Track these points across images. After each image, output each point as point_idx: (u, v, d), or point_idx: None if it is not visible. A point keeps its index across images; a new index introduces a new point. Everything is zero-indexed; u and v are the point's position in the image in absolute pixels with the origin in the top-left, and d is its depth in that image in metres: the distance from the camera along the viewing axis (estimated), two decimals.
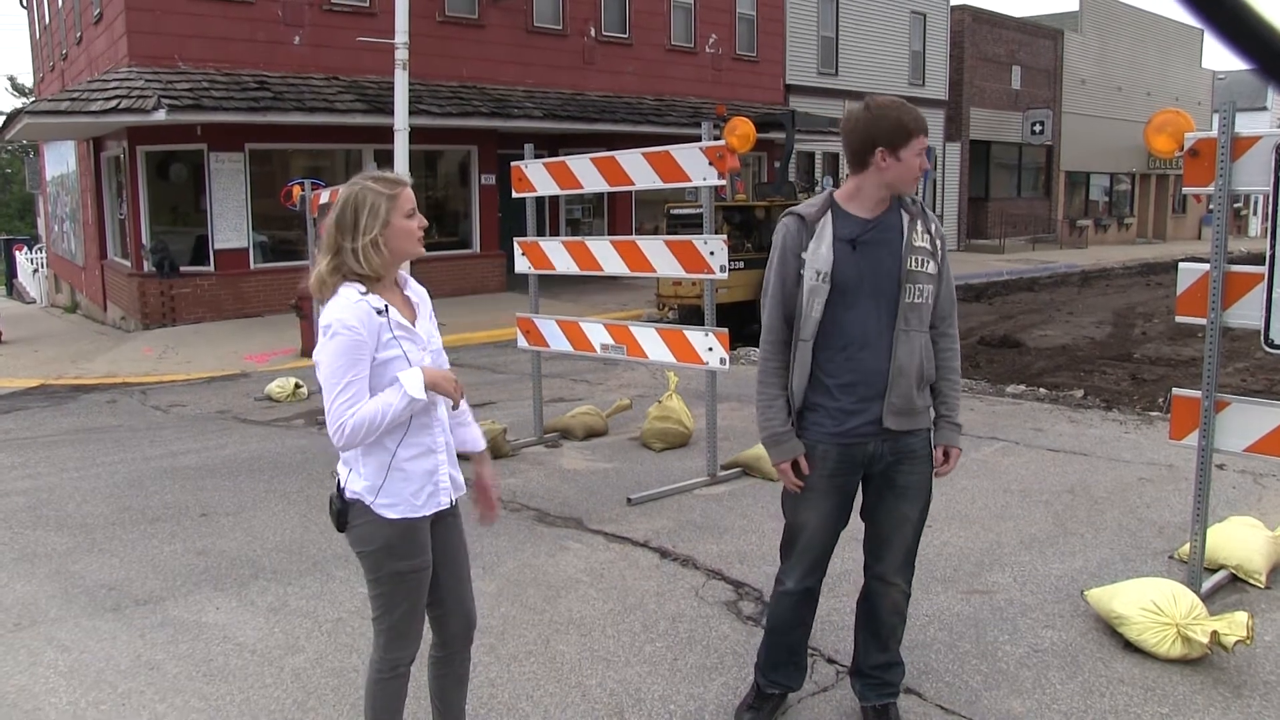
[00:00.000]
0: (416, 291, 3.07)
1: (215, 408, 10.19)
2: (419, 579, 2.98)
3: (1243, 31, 0.77)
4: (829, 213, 3.33)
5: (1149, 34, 41.17)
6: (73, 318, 22.15)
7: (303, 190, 11.26)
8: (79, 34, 19.65)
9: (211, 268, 16.65)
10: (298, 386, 10.43)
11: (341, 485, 2.96)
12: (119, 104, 14.22)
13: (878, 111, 3.24)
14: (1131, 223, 42.80)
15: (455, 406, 3.05)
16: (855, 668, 3.68)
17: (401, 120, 13.67)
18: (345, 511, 2.93)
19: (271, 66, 16.64)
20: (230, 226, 16.71)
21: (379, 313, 2.83)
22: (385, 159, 14.02)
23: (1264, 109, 46.23)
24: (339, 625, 4.66)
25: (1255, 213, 45.31)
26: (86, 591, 5.18)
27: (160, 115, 14.18)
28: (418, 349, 2.93)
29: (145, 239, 16.29)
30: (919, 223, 3.32)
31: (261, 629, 4.65)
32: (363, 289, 2.85)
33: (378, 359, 2.83)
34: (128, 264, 17.09)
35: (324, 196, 10.75)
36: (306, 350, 12.47)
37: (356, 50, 16.70)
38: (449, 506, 3.05)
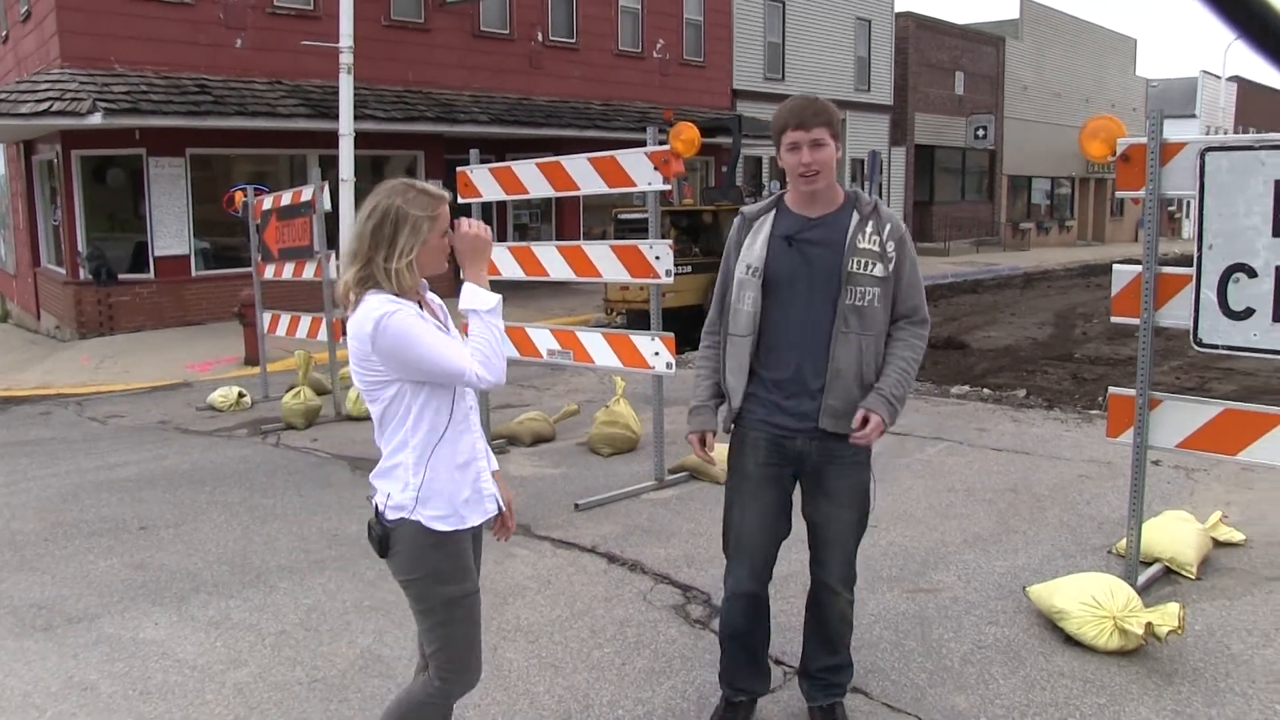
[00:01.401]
0: (435, 299, 3.00)
1: (155, 418, 10.02)
2: (472, 604, 2.89)
3: (1256, 23, 0.78)
4: (774, 211, 3.38)
5: (1086, 42, 41.98)
6: (3, 327, 21.64)
7: (245, 196, 11.13)
8: (4, 32, 19.16)
9: (151, 275, 16.37)
10: (241, 395, 10.30)
11: (381, 508, 2.83)
12: (51, 106, 13.92)
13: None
14: (1072, 225, 43.57)
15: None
16: (803, 669, 3.69)
17: (346, 125, 13.59)
18: (388, 537, 2.81)
19: (212, 70, 16.40)
20: (171, 233, 16.45)
21: (418, 305, 2.80)
22: (330, 164, 13.88)
23: (1193, 116, 47.22)
24: (283, 638, 4.60)
25: (1189, 215, 46.24)
26: (13, 611, 5.02)
27: (96, 119, 13.92)
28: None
29: (81, 246, 15.97)
30: (869, 224, 3.29)
31: (202, 644, 4.57)
32: (393, 297, 2.76)
33: None
34: (63, 271, 16.74)
35: (266, 203, 10.64)
36: (250, 358, 12.32)
37: (300, 54, 16.53)
38: (492, 516, 2.98)
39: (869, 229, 3.29)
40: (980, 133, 35.67)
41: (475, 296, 2.83)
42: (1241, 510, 6.04)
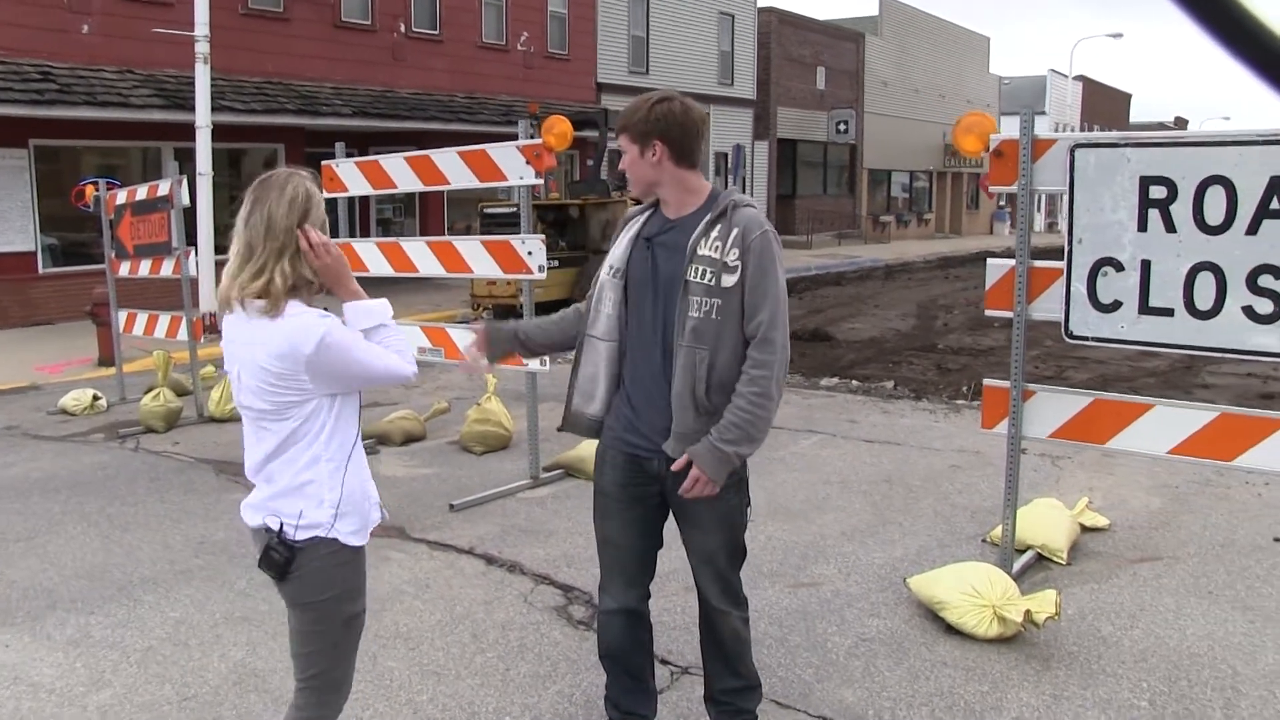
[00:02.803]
0: None
1: (1, 424, 9.48)
2: (362, 621, 2.76)
3: (1241, 35, 0.77)
4: (650, 211, 3.26)
5: (943, 40, 43.34)
6: None
7: (96, 190, 10.60)
8: None
9: None
10: (96, 398, 9.80)
11: (286, 528, 2.57)
12: None
13: None
14: (930, 218, 44.98)
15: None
16: (708, 693, 3.47)
17: (203, 117, 13.08)
18: (294, 559, 2.57)
19: (57, 56, 15.58)
20: (14, 228, 15.58)
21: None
22: (187, 157, 13.35)
23: (1043, 113, 49.23)
24: (149, 654, 4.37)
25: (1040, 209, 48.19)
26: None
27: None
28: None
29: None
30: (716, 229, 3.01)
31: (60, 665, 4.30)
32: (324, 310, 2.57)
33: None
34: None
35: (120, 197, 10.15)
36: (105, 359, 11.75)
37: (153, 42, 15.85)
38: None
39: (714, 234, 3.00)
40: (841, 127, 36.51)
41: (371, 313, 2.67)
42: (1104, 495, 6.28)
